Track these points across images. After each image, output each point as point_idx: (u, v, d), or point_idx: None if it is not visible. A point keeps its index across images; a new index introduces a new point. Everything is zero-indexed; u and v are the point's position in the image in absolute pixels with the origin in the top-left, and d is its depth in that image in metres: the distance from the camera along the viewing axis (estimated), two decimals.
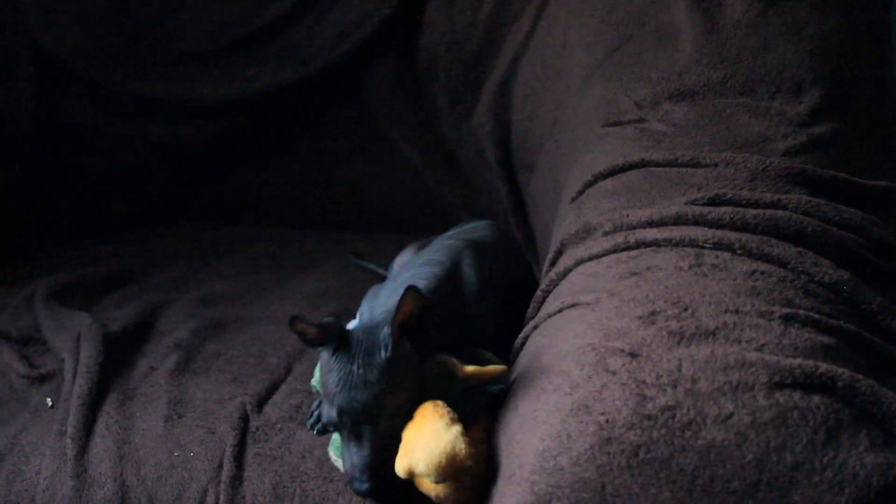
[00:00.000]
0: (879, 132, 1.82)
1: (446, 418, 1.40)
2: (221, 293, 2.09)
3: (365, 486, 1.41)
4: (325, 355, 1.46)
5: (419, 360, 1.48)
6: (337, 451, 1.50)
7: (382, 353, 1.43)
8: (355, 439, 1.42)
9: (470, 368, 1.52)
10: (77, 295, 2.06)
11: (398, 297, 1.43)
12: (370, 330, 1.46)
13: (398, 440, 1.41)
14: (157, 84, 2.46)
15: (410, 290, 1.42)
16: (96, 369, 1.70)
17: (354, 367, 1.42)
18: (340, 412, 1.41)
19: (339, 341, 1.44)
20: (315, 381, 1.67)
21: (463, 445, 1.37)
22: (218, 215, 2.56)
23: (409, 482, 1.41)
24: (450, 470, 1.37)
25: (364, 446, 1.41)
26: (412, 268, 1.68)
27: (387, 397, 1.42)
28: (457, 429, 1.38)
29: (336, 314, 1.92)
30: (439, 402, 1.43)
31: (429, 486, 1.40)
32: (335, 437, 1.53)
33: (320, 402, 1.58)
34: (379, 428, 1.42)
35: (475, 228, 1.92)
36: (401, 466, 1.40)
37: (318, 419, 1.57)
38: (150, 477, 1.54)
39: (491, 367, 1.52)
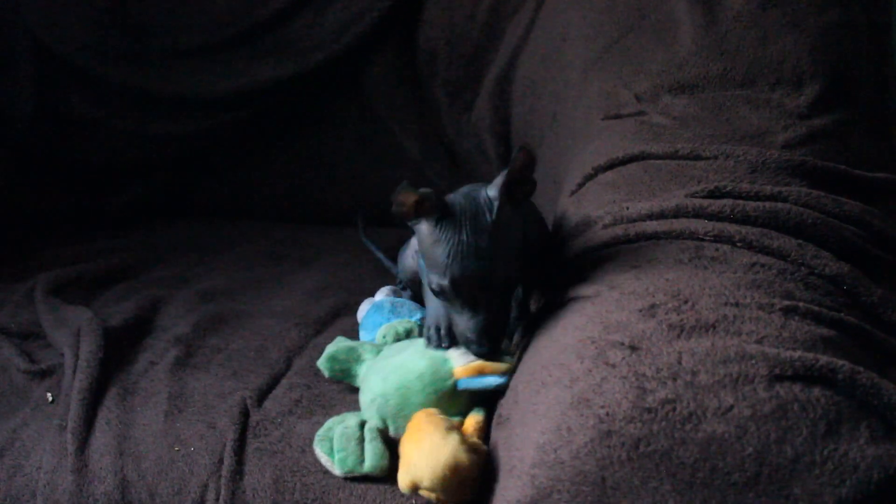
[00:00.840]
0: (880, 124, 1.82)
1: (442, 428, 1.40)
2: (222, 288, 2.09)
3: (485, 349, 1.46)
4: (425, 227, 1.46)
5: (520, 217, 1.50)
6: (324, 448, 1.51)
7: (487, 216, 1.44)
8: (469, 306, 1.45)
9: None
10: (77, 290, 2.06)
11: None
12: (468, 195, 1.47)
13: (509, 299, 1.50)
14: (156, 79, 2.46)
15: (523, 148, 1.44)
16: (96, 364, 1.70)
17: (464, 237, 1.43)
18: (455, 283, 1.43)
19: (442, 211, 1.45)
20: (323, 361, 1.66)
21: (464, 455, 1.37)
22: (218, 211, 2.56)
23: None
24: (455, 481, 1.37)
25: (479, 312, 1.45)
26: None
27: (499, 262, 1.44)
28: (455, 437, 1.39)
29: (336, 308, 1.94)
30: (431, 411, 1.44)
31: (430, 494, 1.40)
32: (322, 432, 1.53)
33: (438, 325, 1.57)
34: (493, 292, 1.44)
35: None
36: (404, 483, 1.41)
37: (439, 329, 1.56)
38: (151, 471, 1.54)
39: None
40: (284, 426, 1.58)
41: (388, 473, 1.47)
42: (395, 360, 1.55)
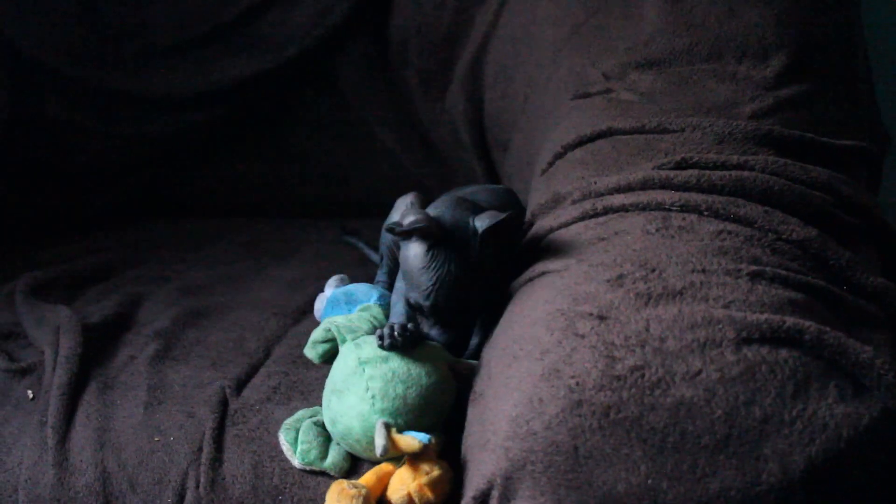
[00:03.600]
0: (847, 93, 1.83)
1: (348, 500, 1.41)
2: (201, 283, 2.09)
3: None
4: (416, 249, 1.54)
5: (502, 255, 1.58)
6: (288, 437, 1.52)
7: (472, 252, 1.53)
8: (440, 323, 1.55)
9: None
10: (58, 290, 2.05)
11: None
12: (457, 223, 1.54)
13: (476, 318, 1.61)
14: (130, 80, 2.45)
15: (511, 216, 1.54)
16: (76, 360, 1.70)
17: (451, 268, 1.52)
18: (436, 307, 1.53)
19: (435, 239, 1.53)
20: (308, 349, 1.66)
21: None
22: (197, 208, 2.56)
23: None
24: None
25: (450, 330, 1.56)
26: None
27: (479, 293, 1.55)
28: None
29: (315, 297, 1.94)
30: (343, 483, 1.43)
31: None
32: (291, 421, 1.54)
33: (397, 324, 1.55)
34: (466, 317, 1.57)
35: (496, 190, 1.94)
36: None
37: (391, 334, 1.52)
38: (131, 462, 1.54)
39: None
40: (262, 413, 1.59)
41: (346, 475, 1.49)
42: (340, 403, 1.50)
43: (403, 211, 1.58)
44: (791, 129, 1.66)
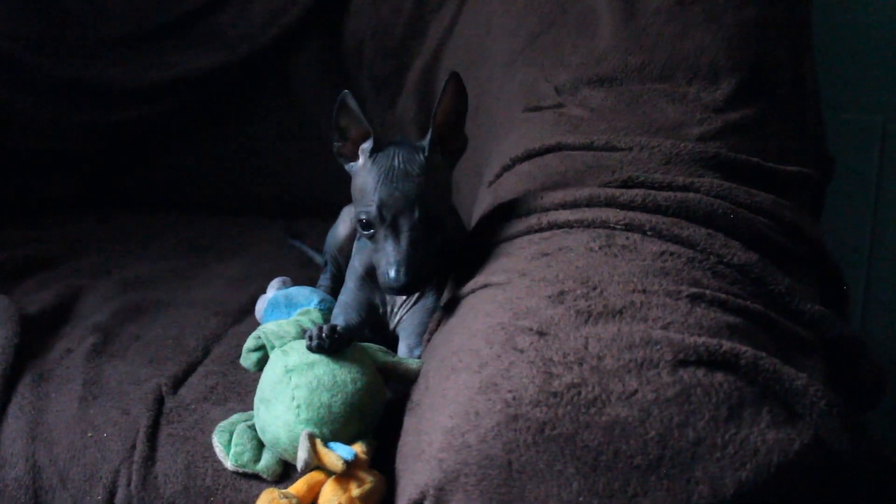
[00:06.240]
0: (796, 119, 1.84)
1: None
2: (143, 277, 2.08)
3: (403, 280, 1.49)
4: (360, 161, 1.57)
5: (449, 168, 1.59)
6: (222, 439, 1.51)
7: (421, 154, 1.54)
8: (393, 236, 1.50)
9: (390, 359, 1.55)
10: None
11: None
12: (400, 142, 1.57)
13: (435, 241, 1.53)
14: (82, 68, 2.44)
15: (454, 77, 1.54)
16: (11, 351, 1.69)
17: (395, 163, 1.52)
18: (381, 205, 1.50)
19: (377, 143, 1.55)
20: (243, 358, 1.65)
21: None
22: (144, 201, 2.55)
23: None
24: None
25: (402, 242, 1.50)
26: None
27: (426, 188, 1.51)
28: None
29: (257, 297, 1.93)
30: (274, 492, 1.42)
31: None
32: (225, 424, 1.53)
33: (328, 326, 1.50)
34: (416, 220, 1.50)
35: None
36: None
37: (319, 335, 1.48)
38: (63, 457, 1.53)
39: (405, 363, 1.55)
40: (198, 412, 1.58)
41: (279, 478, 1.48)
42: (268, 413, 1.48)
43: None
44: (738, 153, 1.67)
